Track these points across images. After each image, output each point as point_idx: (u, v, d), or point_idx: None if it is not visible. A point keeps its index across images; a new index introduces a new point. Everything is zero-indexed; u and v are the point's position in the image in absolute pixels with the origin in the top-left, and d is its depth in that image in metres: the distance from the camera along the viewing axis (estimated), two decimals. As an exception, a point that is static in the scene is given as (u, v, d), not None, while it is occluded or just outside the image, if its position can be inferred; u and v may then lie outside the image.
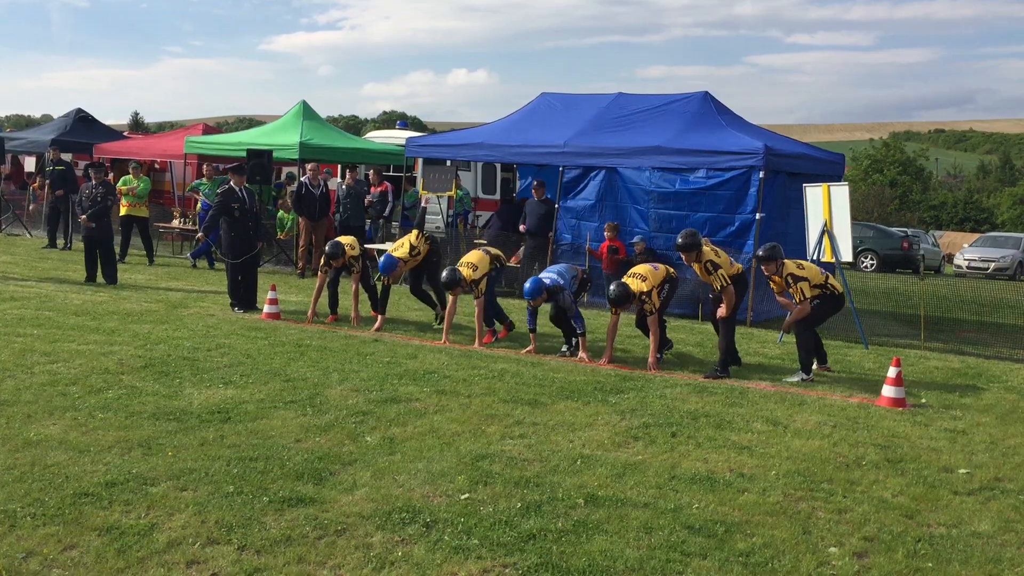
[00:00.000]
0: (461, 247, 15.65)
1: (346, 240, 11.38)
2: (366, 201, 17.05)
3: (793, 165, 13.58)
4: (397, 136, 21.03)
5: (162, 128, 79.61)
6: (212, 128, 26.40)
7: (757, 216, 12.51)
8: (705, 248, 9.17)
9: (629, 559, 4.36)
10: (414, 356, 9.04)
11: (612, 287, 9.40)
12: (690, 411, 7.37)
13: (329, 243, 11.34)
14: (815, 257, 11.76)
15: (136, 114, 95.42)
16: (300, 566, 4.16)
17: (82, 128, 23.07)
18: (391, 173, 19.29)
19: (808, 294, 8.80)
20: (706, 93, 14.61)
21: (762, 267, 9.09)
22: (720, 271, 9.01)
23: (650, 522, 4.84)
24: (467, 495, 5.15)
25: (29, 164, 25.64)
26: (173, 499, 4.86)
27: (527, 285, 9.80)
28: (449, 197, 16.67)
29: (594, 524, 4.79)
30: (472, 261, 10.22)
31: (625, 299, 9.25)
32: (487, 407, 7.14)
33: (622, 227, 13.51)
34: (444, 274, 10.13)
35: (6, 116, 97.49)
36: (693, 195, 13.06)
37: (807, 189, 12.14)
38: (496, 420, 6.78)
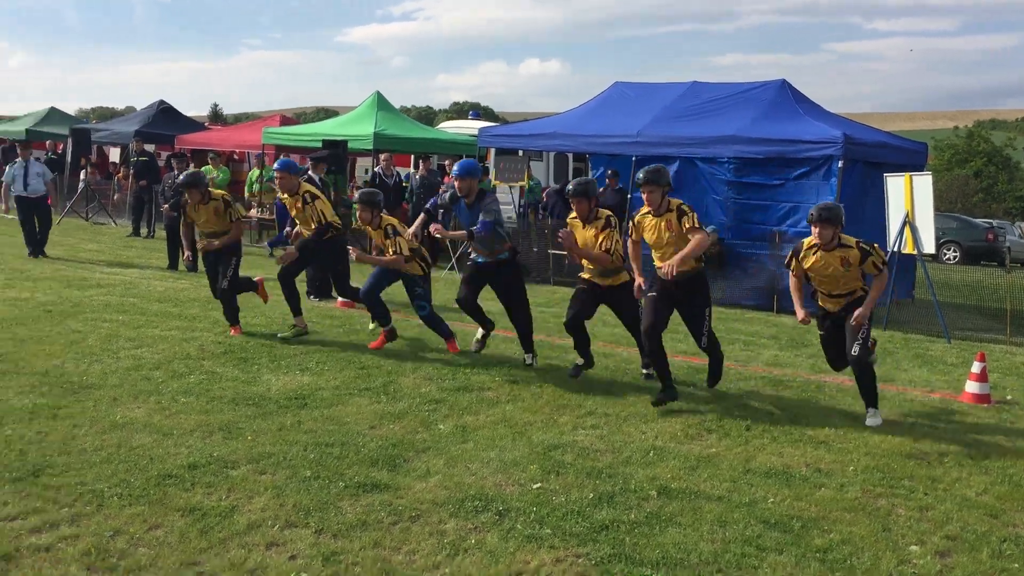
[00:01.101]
0: (532, 236, 15.68)
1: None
2: (440, 191, 17.17)
3: (873, 154, 13.24)
4: (470, 126, 21.13)
5: (239, 119, 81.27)
6: (289, 119, 26.87)
7: (835, 206, 12.22)
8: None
9: (703, 552, 4.32)
10: (486, 345, 9.06)
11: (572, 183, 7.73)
12: (762, 406, 7.26)
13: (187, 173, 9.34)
14: (896, 249, 11.48)
15: (215, 105, 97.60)
16: (376, 551, 4.23)
17: (164, 119, 23.68)
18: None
19: (882, 263, 6.83)
20: (783, 81, 14.34)
21: (815, 231, 6.73)
22: (694, 215, 7.26)
23: (724, 516, 4.79)
24: (539, 484, 5.16)
25: (114, 155, 26.46)
26: (253, 482, 4.98)
27: (457, 167, 8.27)
28: (521, 187, 16.70)
29: (667, 516, 4.76)
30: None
31: (584, 194, 7.52)
32: (559, 397, 7.14)
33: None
34: (364, 191, 8.88)
35: (91, 108, 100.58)
36: (770, 185, 12.85)
37: (888, 179, 11.85)
38: (568, 410, 6.78)
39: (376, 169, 16.78)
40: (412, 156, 20.92)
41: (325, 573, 4.00)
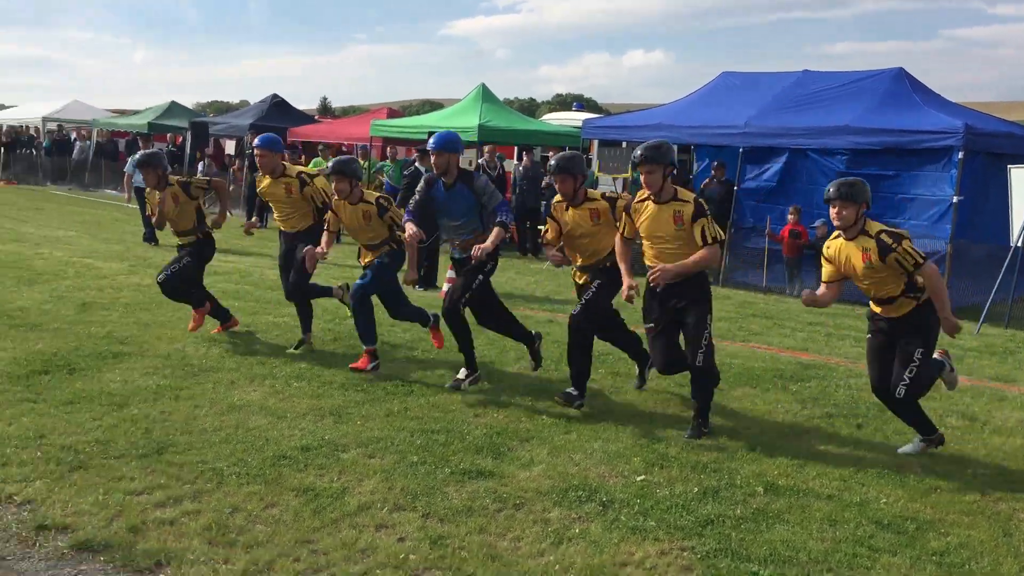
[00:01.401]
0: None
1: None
2: (543, 183, 17.20)
3: (996, 145, 12.69)
4: (574, 118, 21.11)
5: (346, 112, 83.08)
6: (396, 112, 27.33)
7: (955, 199, 11.77)
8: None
9: (813, 551, 4.24)
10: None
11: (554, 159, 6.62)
12: (877, 402, 7.01)
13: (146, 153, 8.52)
14: (1019, 244, 10.97)
15: (324, 99, 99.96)
16: (481, 536, 4.29)
17: (277, 113, 24.39)
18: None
19: (914, 262, 5.38)
20: (900, 69, 13.87)
21: (832, 212, 5.53)
22: (712, 223, 6.02)
23: (834, 515, 4.68)
24: (643, 477, 5.15)
25: (229, 147, 27.38)
26: (362, 465, 5.12)
27: (434, 139, 6.86)
28: (624, 179, 16.59)
29: (774, 513, 4.68)
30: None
31: (567, 171, 6.41)
32: (663, 390, 7.09)
33: (809, 210, 13.05)
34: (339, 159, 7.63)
35: (207, 102, 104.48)
36: (885, 176, 12.46)
37: (1012, 171, 11.33)
38: (672, 403, 6.73)
39: (480, 160, 16.92)
40: (516, 148, 21.01)
41: (432, 556, 4.08)
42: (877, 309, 5.79)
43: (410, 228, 6.63)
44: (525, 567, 4.03)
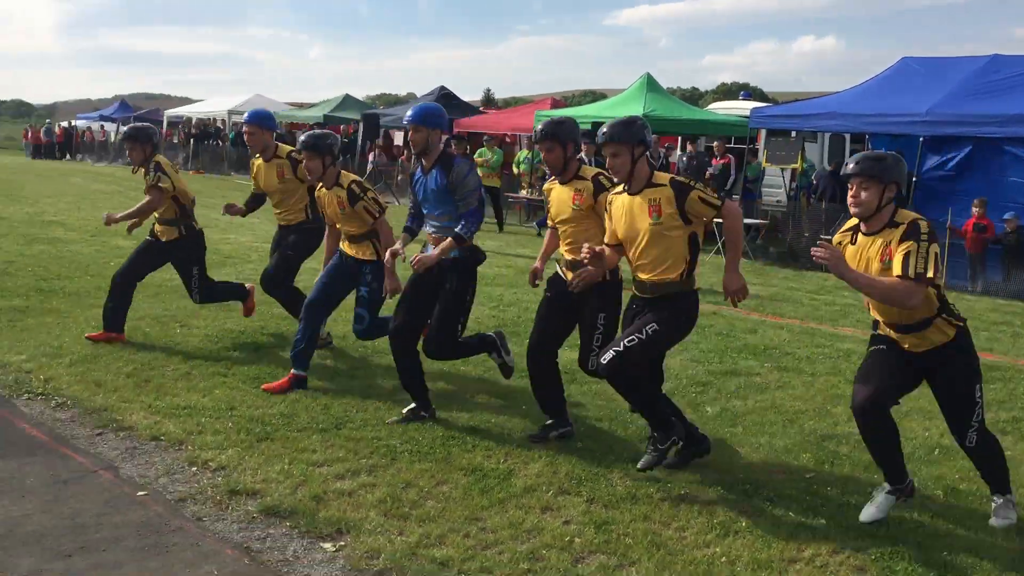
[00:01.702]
0: (804, 221, 15.07)
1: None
2: (707, 173, 16.95)
3: None
4: (741, 107, 20.65)
5: (508, 104, 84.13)
6: (559, 102, 27.47)
7: None
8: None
9: (998, 559, 4.03)
10: (753, 331, 8.88)
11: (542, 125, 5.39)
12: (1071, 408, 6.59)
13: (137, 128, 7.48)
14: None
15: (488, 90, 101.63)
16: (645, 524, 4.31)
17: (444, 104, 24.93)
18: (733, 145, 19.00)
19: (931, 270, 4.00)
20: (1103, 51, 12.84)
21: (850, 194, 4.21)
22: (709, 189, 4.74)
23: (1021, 522, 4.43)
24: (812, 474, 5.03)
25: (398, 138, 28.30)
26: (528, 449, 5.23)
27: (410, 111, 5.64)
28: (793, 169, 16.12)
29: (955, 518, 4.48)
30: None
31: (554, 137, 5.23)
32: (832, 387, 6.88)
33: (996, 202, 12.29)
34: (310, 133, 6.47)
35: (376, 95, 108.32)
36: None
37: None
38: (843, 401, 6.50)
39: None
40: (679, 138, 20.78)
41: (597, 540, 4.13)
42: (904, 344, 4.38)
43: (394, 243, 5.98)
44: (690, 557, 4.02)
